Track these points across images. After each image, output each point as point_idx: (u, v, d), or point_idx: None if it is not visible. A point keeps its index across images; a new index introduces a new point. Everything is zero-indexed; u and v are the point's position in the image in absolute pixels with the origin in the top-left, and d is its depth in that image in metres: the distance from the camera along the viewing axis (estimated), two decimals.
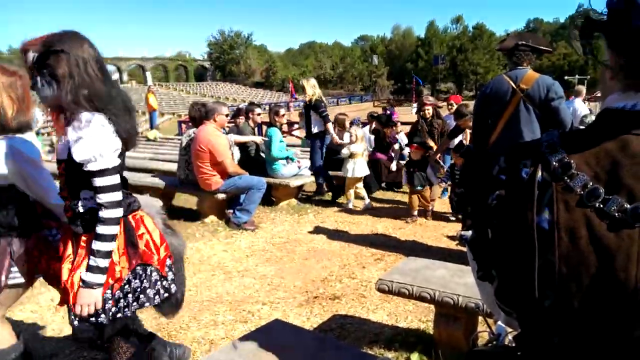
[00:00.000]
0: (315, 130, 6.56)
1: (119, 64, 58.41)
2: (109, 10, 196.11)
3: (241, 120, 6.96)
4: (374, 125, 7.97)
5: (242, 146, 6.45)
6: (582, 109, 8.41)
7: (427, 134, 6.23)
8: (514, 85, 3.41)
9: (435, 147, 5.91)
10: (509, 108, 3.43)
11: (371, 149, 7.60)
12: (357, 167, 6.05)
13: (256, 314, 3.29)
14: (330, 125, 6.48)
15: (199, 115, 5.60)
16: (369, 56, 62.27)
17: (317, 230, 5.30)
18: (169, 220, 2.16)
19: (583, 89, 9.08)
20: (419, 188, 5.50)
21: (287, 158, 6.23)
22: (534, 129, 3.40)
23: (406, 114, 28.67)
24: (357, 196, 6.28)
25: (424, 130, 6.23)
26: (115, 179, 1.71)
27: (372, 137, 7.92)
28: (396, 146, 7.49)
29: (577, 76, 36.91)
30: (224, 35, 64.42)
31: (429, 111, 6.26)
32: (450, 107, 6.81)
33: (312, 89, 6.54)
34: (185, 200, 6.76)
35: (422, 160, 5.55)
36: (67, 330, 3.07)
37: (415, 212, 5.60)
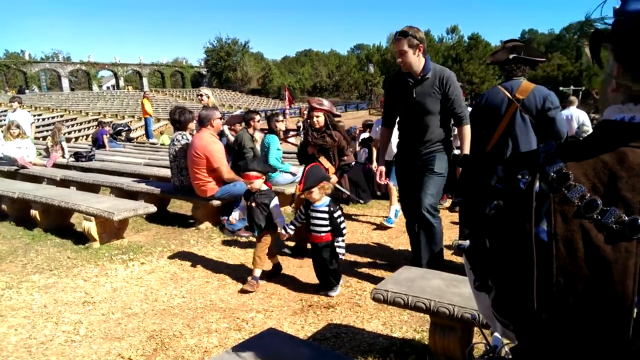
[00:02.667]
0: None
1: (116, 70, 58.37)
2: (106, 17, 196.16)
3: (239, 127, 6.98)
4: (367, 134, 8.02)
5: (240, 152, 6.44)
6: (580, 115, 8.49)
7: (320, 150, 4.52)
8: (509, 96, 3.44)
9: (331, 168, 4.49)
10: (505, 118, 3.46)
11: (364, 159, 7.62)
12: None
13: (250, 322, 3.27)
14: (226, 128, 7.52)
15: (184, 119, 5.68)
16: (364, 65, 62.55)
17: None
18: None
19: (575, 98, 9.20)
20: (256, 234, 3.96)
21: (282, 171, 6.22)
22: (530, 139, 3.43)
23: None
24: None
25: (314, 143, 4.50)
26: None
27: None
28: None
29: (572, 87, 37.22)
30: (221, 42, 64.56)
31: (319, 119, 4.43)
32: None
33: (212, 98, 7.62)
34: (179, 206, 6.74)
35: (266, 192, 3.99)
36: (60, 337, 3.05)
37: (258, 272, 3.86)
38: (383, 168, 4.07)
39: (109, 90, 56.59)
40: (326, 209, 3.65)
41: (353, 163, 4.82)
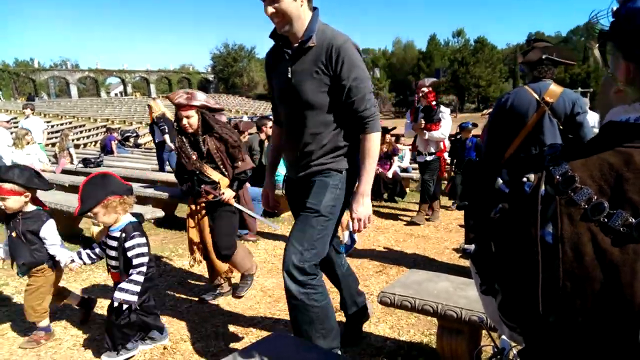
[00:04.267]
0: (157, 140, 8.72)
1: (124, 77, 58.87)
2: (114, 24, 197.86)
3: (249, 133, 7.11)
4: None
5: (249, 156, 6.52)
6: (596, 118, 8.37)
7: (205, 161, 3.37)
8: (538, 98, 3.30)
9: (223, 181, 3.38)
10: (531, 121, 3.31)
11: None
12: None
13: (257, 325, 3.27)
14: (167, 137, 8.27)
15: None
16: (370, 69, 62.66)
17: None
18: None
19: (587, 100, 9.11)
20: (19, 275, 3.03)
21: None
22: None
23: None
24: None
25: (186, 154, 3.35)
26: None
27: None
28: (396, 158, 7.61)
29: (579, 89, 36.99)
30: (228, 48, 64.99)
31: (190, 121, 3.27)
32: None
33: (156, 106, 8.44)
34: (187, 211, 6.75)
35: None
36: (69, 341, 3.06)
37: (44, 322, 3.02)
38: (270, 189, 2.73)
39: (116, 96, 57.08)
40: (118, 234, 2.63)
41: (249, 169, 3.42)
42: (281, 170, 2.93)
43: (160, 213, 5.02)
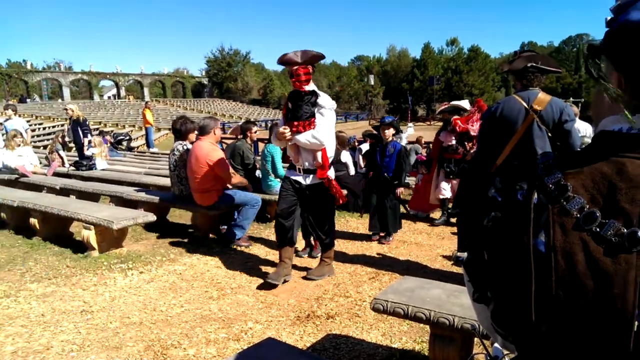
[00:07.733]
0: (80, 139, 10.32)
1: (117, 80, 58.56)
2: (108, 27, 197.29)
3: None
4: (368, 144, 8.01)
5: (243, 164, 6.48)
6: (587, 128, 8.40)
7: None
8: (526, 106, 3.36)
9: None
10: (521, 129, 3.37)
11: (364, 170, 7.61)
12: (99, 165, 8.95)
13: (249, 332, 3.26)
14: (89, 137, 10.14)
15: (185, 129, 5.68)
16: (365, 76, 62.79)
17: None
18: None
19: (577, 109, 9.12)
20: None
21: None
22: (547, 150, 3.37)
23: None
24: None
25: None
26: None
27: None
28: None
29: (571, 99, 37.26)
30: (223, 52, 64.92)
31: None
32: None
33: (76, 111, 10.58)
34: (179, 215, 6.73)
35: None
36: (58, 346, 3.03)
37: None
38: None
39: (110, 99, 56.76)
40: None
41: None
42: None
43: (152, 217, 5.00)
